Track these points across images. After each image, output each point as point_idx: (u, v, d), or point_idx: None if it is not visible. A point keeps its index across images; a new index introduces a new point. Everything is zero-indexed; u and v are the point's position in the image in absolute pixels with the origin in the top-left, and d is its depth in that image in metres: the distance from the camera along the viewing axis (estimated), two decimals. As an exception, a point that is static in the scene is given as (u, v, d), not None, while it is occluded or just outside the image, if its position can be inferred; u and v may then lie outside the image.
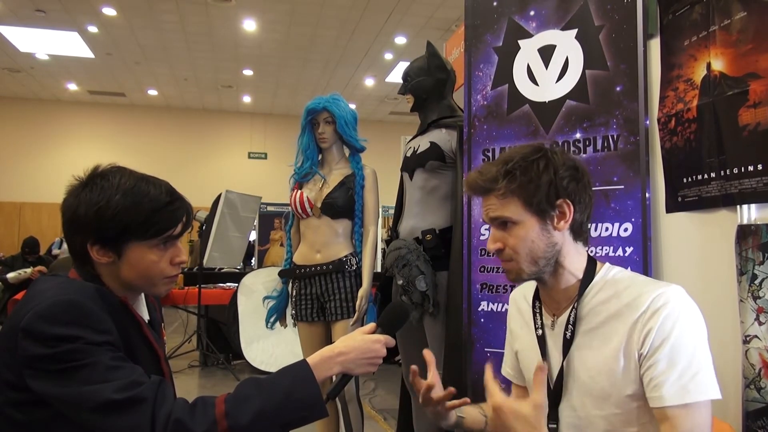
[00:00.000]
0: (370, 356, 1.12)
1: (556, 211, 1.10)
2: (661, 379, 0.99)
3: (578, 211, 1.11)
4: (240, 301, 4.99)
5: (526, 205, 1.09)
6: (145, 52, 9.30)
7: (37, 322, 0.97)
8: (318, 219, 2.49)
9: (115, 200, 1.06)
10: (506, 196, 1.10)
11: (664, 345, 0.99)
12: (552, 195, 1.09)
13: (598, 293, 1.11)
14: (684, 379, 0.98)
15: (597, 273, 1.14)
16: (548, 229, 1.10)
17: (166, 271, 1.12)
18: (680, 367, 0.98)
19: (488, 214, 1.13)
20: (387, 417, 3.79)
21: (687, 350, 0.99)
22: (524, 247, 1.10)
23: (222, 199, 5.64)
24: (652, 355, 1.00)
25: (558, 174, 1.09)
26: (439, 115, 2.38)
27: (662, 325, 1.00)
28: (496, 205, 1.11)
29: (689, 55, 1.60)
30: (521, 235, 1.10)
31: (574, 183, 1.11)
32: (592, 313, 1.11)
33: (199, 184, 11.08)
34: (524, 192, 1.09)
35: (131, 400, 0.95)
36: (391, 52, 9.24)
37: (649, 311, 1.02)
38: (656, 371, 1.00)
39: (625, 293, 1.08)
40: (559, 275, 1.14)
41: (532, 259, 1.11)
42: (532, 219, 1.10)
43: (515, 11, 2.03)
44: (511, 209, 1.10)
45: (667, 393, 0.98)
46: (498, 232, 1.13)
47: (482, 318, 2.04)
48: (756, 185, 1.39)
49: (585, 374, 1.09)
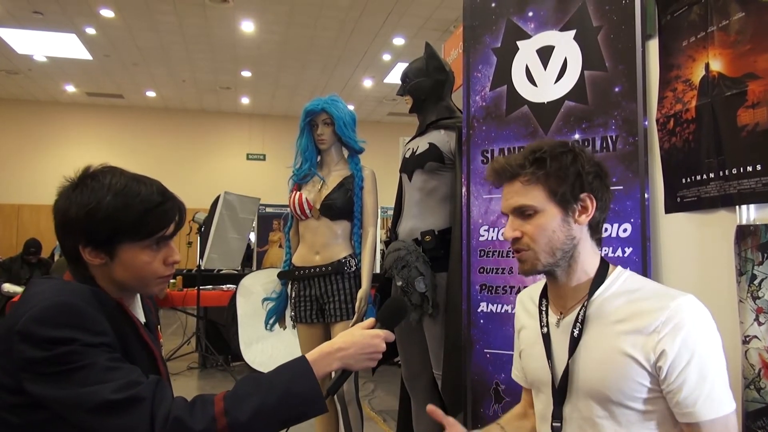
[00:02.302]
0: (370, 351, 1.12)
1: (579, 204, 1.10)
2: (693, 397, 1.00)
3: (599, 209, 1.12)
4: (239, 302, 4.98)
5: (551, 194, 1.09)
6: (143, 54, 9.29)
7: (33, 325, 0.96)
8: (317, 220, 2.49)
9: (105, 201, 1.04)
10: (531, 182, 1.10)
11: (691, 363, 1.00)
12: (577, 187, 1.10)
13: (609, 295, 1.11)
14: (715, 393, 1.00)
15: (609, 275, 1.14)
16: (569, 221, 1.10)
17: (160, 271, 1.12)
18: (710, 382, 1.00)
19: (509, 203, 1.13)
20: (386, 418, 3.79)
21: (714, 364, 1.01)
22: (543, 237, 1.10)
23: (221, 201, 5.63)
24: (680, 374, 1.00)
25: (585, 168, 1.10)
26: (437, 116, 2.38)
27: (686, 341, 1.00)
28: (520, 192, 1.11)
29: (688, 55, 1.60)
30: (542, 224, 1.10)
31: (598, 180, 1.12)
32: (602, 314, 1.10)
33: (198, 185, 11.06)
34: (551, 180, 1.09)
35: (129, 400, 0.95)
36: (389, 53, 9.24)
37: (669, 324, 1.01)
38: (686, 389, 1.00)
39: (637, 298, 1.08)
40: (572, 271, 1.13)
41: (550, 250, 1.10)
42: (555, 209, 1.10)
43: (513, 12, 2.03)
44: (534, 197, 1.10)
45: (699, 410, 0.99)
46: (517, 220, 1.12)
47: (482, 319, 2.03)
48: (755, 185, 1.39)
49: (591, 374, 1.09)
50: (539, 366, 1.18)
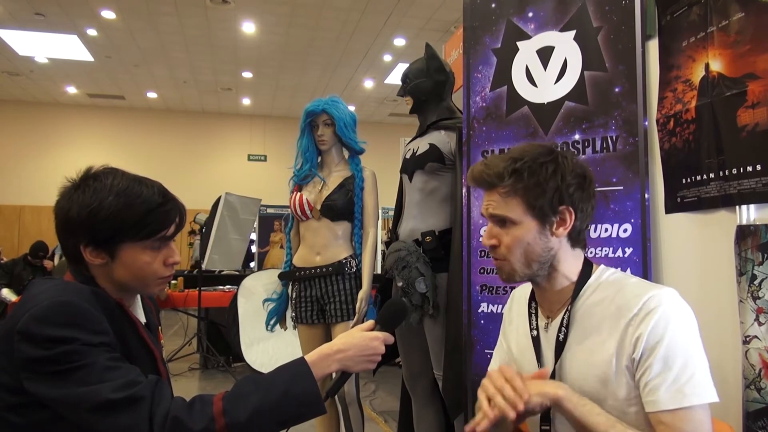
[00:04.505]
0: (369, 353, 1.12)
1: (557, 217, 1.09)
2: (656, 383, 0.98)
3: (579, 219, 1.11)
4: (240, 303, 4.98)
5: (528, 207, 1.09)
6: (145, 55, 9.30)
7: (33, 324, 0.97)
8: (317, 221, 2.49)
9: (107, 202, 1.06)
10: (510, 194, 1.09)
11: (657, 348, 0.98)
12: (556, 201, 1.08)
13: (591, 295, 1.11)
14: (680, 383, 0.97)
15: (592, 275, 1.13)
16: (546, 233, 1.10)
17: (160, 271, 1.13)
18: (675, 370, 0.97)
19: (488, 210, 1.13)
20: (387, 419, 3.79)
21: (681, 353, 0.98)
22: (519, 248, 1.10)
23: (222, 202, 5.64)
24: (647, 359, 0.99)
25: (565, 180, 1.08)
26: (438, 116, 2.38)
27: (654, 328, 0.99)
28: (498, 202, 1.11)
29: (687, 56, 1.60)
30: (518, 235, 1.09)
31: (579, 191, 1.10)
32: (585, 316, 1.10)
33: (199, 186, 11.08)
34: (528, 194, 1.08)
35: (129, 399, 0.95)
36: (390, 54, 9.25)
37: (641, 314, 1.01)
38: (651, 375, 0.98)
39: (617, 295, 1.07)
40: (553, 278, 1.13)
41: (526, 261, 1.10)
42: (532, 222, 1.09)
43: (514, 13, 2.03)
44: (512, 209, 1.09)
45: (662, 397, 0.97)
46: (495, 228, 1.12)
47: (482, 319, 2.03)
48: (755, 185, 1.39)
49: (578, 376, 1.08)
50: (530, 369, 1.18)
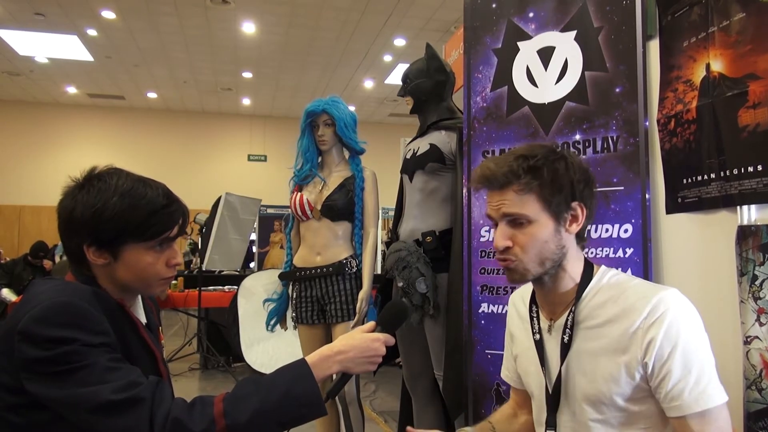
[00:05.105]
0: (370, 355, 1.12)
1: (570, 213, 1.09)
2: (679, 388, 0.98)
3: (587, 217, 1.11)
4: (240, 303, 4.98)
5: (545, 204, 1.07)
6: (145, 55, 9.30)
7: (34, 324, 0.97)
8: (318, 221, 2.49)
9: (112, 202, 1.06)
10: (525, 192, 1.06)
11: (674, 353, 0.98)
12: (569, 197, 1.07)
13: (594, 297, 1.11)
14: (701, 385, 0.97)
15: (594, 276, 1.13)
16: (561, 231, 1.09)
17: (162, 272, 1.13)
18: (695, 374, 0.98)
19: (501, 210, 1.09)
20: (388, 419, 3.79)
21: (698, 355, 0.99)
22: (535, 247, 1.07)
23: (222, 202, 5.64)
24: (663, 365, 0.99)
25: (576, 176, 1.08)
26: (438, 116, 2.38)
27: (667, 332, 0.99)
28: (513, 200, 1.07)
29: (688, 56, 1.60)
30: (535, 233, 1.07)
31: (588, 188, 1.10)
32: (589, 317, 1.10)
33: (199, 186, 11.08)
34: (546, 190, 1.06)
35: (129, 400, 0.95)
36: (390, 54, 9.25)
37: (651, 318, 1.01)
38: (672, 380, 0.98)
39: (622, 297, 1.07)
40: (560, 278, 1.12)
41: (540, 260, 1.08)
42: (549, 219, 1.07)
43: (514, 13, 2.03)
44: (528, 206, 1.07)
45: (687, 401, 0.97)
46: (508, 229, 1.09)
47: (482, 320, 2.03)
48: (756, 186, 1.39)
49: (583, 379, 1.08)
50: (533, 372, 1.18)
